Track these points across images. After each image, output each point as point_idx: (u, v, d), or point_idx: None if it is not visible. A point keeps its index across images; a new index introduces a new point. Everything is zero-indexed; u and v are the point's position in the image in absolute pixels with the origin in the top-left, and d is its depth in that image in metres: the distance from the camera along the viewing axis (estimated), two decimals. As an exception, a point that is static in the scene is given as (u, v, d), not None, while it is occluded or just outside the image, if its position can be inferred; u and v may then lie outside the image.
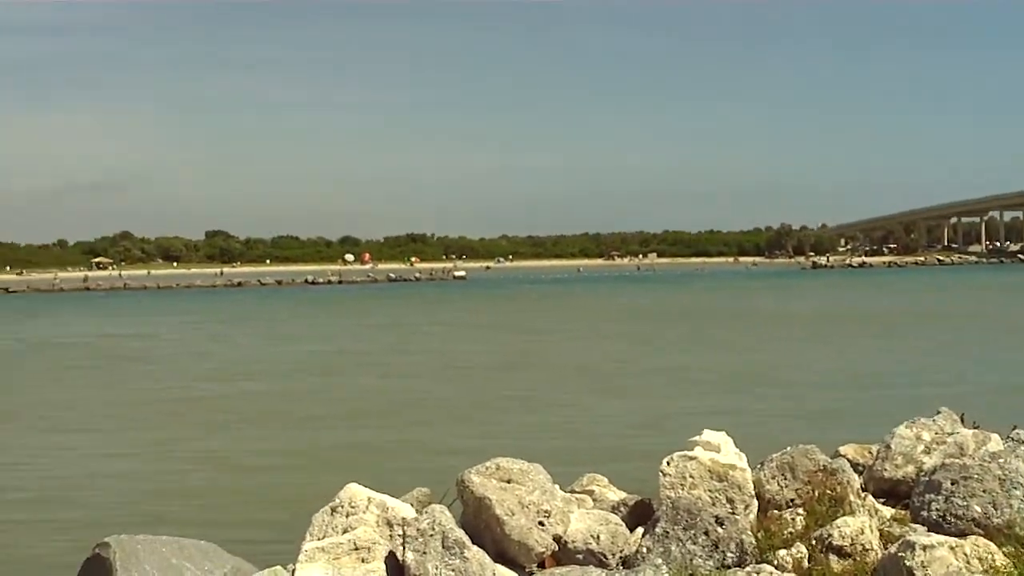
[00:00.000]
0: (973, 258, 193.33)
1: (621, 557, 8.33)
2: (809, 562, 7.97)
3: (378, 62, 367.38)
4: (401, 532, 7.97)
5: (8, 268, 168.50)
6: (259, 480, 17.79)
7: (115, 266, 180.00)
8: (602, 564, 8.23)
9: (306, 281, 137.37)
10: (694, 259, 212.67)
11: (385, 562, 7.80)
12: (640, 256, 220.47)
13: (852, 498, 9.00)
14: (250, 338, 50.75)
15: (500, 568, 7.93)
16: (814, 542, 8.14)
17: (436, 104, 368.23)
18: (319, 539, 8.21)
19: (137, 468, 19.04)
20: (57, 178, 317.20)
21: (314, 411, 25.32)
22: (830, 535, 8.11)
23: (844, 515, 8.43)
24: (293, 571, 7.87)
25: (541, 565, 8.29)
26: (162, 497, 16.71)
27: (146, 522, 13.54)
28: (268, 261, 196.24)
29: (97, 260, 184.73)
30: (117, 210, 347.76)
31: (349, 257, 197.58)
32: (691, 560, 7.96)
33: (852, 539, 8.04)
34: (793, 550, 8.07)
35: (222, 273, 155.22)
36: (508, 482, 8.63)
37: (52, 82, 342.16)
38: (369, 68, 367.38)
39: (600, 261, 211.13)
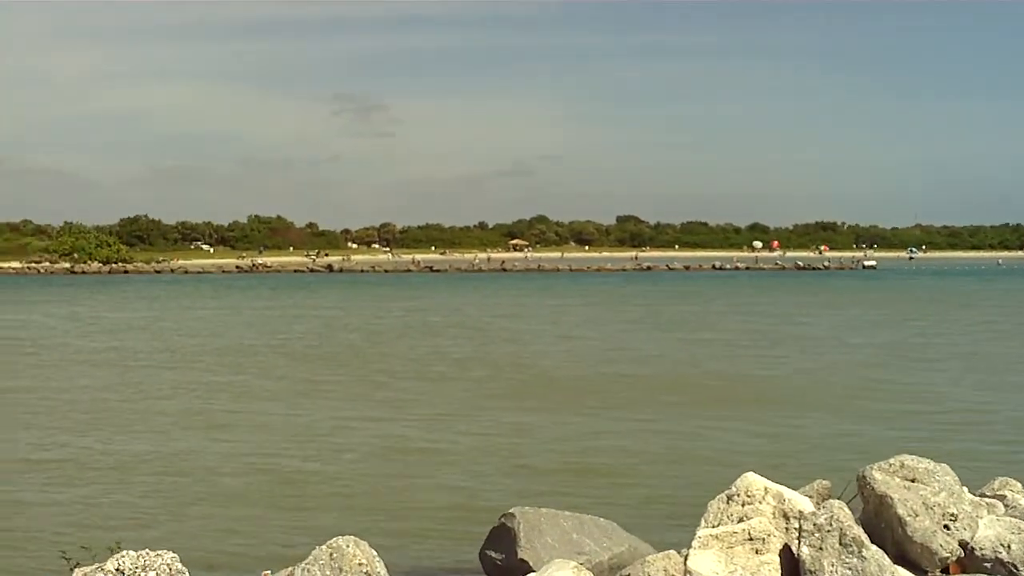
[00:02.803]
0: None
1: (1036, 570, 7.82)
2: None
3: (791, 53, 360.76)
4: (797, 526, 7.85)
5: (433, 248, 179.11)
6: (660, 464, 17.99)
7: (531, 248, 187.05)
8: (1013, 576, 7.77)
9: (713, 267, 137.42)
10: None
11: (779, 555, 7.71)
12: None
13: None
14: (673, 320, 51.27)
15: (900, 570, 7.63)
16: None
17: (851, 92, 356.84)
18: (713, 526, 8.22)
19: (549, 445, 19.75)
20: (481, 164, 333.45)
21: (717, 395, 25.31)
22: None
23: None
24: (686, 556, 7.92)
25: (945, 571, 7.91)
26: (569, 473, 17.27)
27: (551, 495, 14.08)
28: (676, 246, 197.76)
29: (514, 242, 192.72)
30: (534, 194, 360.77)
31: (757, 244, 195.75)
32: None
33: None
34: None
35: (636, 257, 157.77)
36: (912, 481, 8.30)
37: (478, 73, 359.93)
38: (787, 60, 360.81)
39: (1022, 253, 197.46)
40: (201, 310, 60.63)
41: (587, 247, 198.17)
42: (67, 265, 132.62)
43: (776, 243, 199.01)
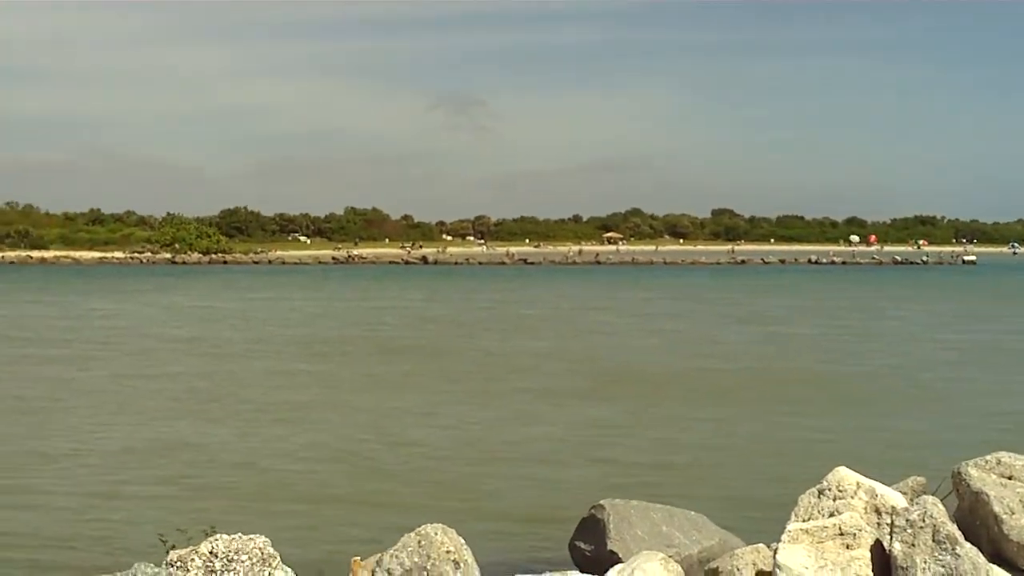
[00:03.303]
0: None
1: None
2: None
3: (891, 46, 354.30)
4: (889, 522, 7.76)
5: (527, 240, 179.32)
6: (747, 458, 17.89)
7: (625, 241, 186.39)
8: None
9: (808, 261, 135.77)
10: None
11: (870, 551, 7.62)
12: None
13: None
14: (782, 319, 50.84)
15: (995, 569, 7.49)
16: None
17: (952, 87, 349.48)
18: (803, 520, 8.15)
19: (633, 442, 19.74)
20: (576, 157, 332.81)
21: (805, 390, 25.06)
22: None
23: None
24: (775, 550, 7.86)
25: (1042, 570, 7.77)
26: (656, 466, 17.24)
27: (638, 488, 14.07)
28: (772, 240, 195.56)
29: (609, 235, 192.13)
30: (629, 188, 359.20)
31: (854, 238, 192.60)
32: None
33: None
34: None
35: (733, 251, 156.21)
36: (1009, 478, 8.16)
37: (574, 68, 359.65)
38: (885, 54, 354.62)
39: None
40: (294, 301, 61.44)
41: (681, 240, 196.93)
42: (168, 255, 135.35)
43: (873, 237, 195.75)
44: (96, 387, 26.22)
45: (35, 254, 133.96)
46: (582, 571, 9.02)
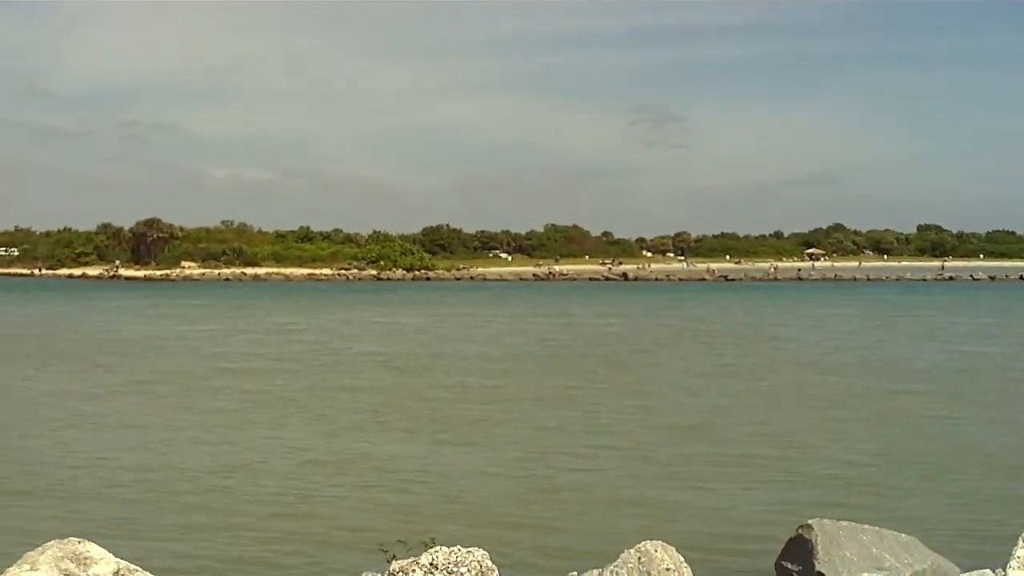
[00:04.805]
0: None
1: None
2: None
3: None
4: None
5: (728, 257, 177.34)
6: (958, 478, 17.44)
7: (827, 257, 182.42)
8: None
9: (1020, 277, 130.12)
10: None
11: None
12: None
13: None
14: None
15: None
16: None
17: None
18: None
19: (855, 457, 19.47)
20: (777, 173, 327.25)
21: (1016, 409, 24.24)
22: None
23: None
24: (1003, 576, 7.71)
25: None
26: (861, 484, 16.97)
27: (846, 507, 13.89)
28: (981, 256, 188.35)
29: (810, 251, 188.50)
30: (830, 203, 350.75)
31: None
32: None
33: None
34: None
35: (943, 267, 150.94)
36: None
37: (774, 82, 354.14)
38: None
39: None
40: (481, 317, 62.34)
41: (885, 256, 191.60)
42: (374, 272, 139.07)
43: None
44: (289, 398, 27.32)
45: (248, 271, 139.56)
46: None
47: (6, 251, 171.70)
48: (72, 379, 31.48)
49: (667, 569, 7.99)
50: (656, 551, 8.11)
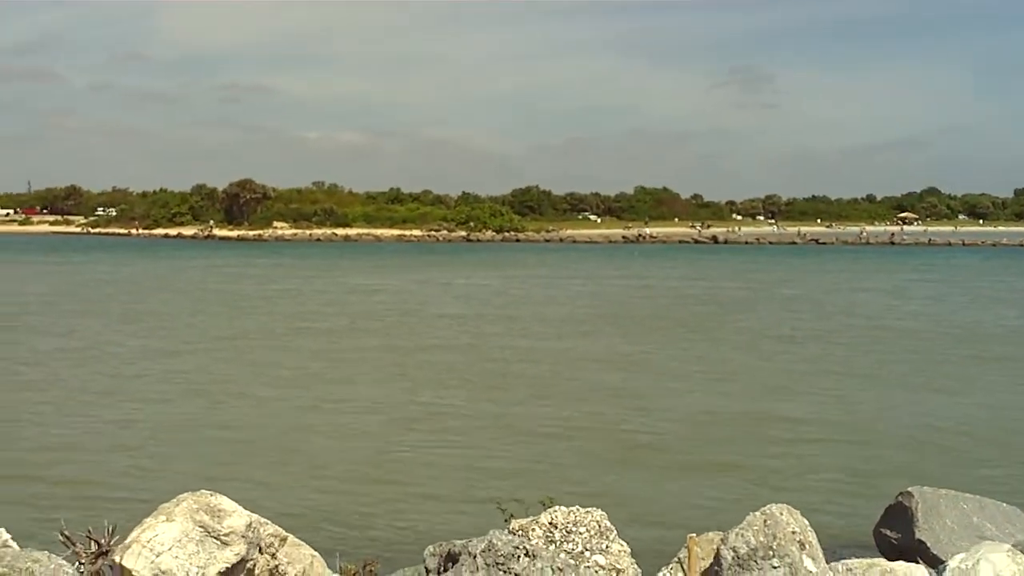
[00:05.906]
0: None
1: None
2: None
3: None
4: None
5: (819, 220, 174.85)
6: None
7: (920, 222, 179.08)
8: None
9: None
10: None
11: None
12: None
13: None
14: None
15: None
16: None
17: None
18: None
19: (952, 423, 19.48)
20: (869, 135, 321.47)
21: None
22: None
23: None
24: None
25: None
26: (958, 452, 16.90)
27: (945, 477, 13.90)
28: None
29: (903, 215, 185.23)
30: (924, 166, 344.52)
31: None
32: None
33: None
34: None
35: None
36: None
37: (866, 44, 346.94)
38: None
39: None
40: (560, 279, 62.43)
41: (981, 221, 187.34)
42: (463, 233, 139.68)
43: None
44: (368, 357, 27.87)
45: (339, 231, 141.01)
46: (888, 558, 9.08)
47: (104, 211, 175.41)
48: (156, 336, 32.26)
49: (792, 532, 8.15)
50: (782, 514, 8.26)
